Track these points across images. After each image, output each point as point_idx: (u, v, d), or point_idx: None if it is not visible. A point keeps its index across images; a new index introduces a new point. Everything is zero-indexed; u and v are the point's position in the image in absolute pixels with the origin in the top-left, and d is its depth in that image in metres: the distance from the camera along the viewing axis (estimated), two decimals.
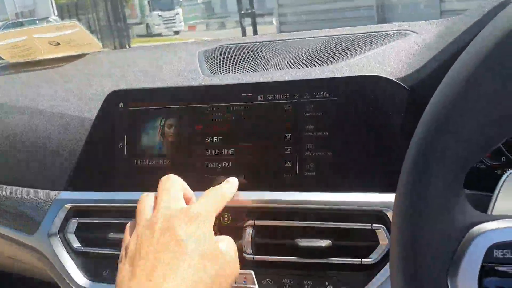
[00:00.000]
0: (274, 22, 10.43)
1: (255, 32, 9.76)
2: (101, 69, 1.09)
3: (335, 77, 0.72)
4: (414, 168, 0.41)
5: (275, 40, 1.00)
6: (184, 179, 0.74)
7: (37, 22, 9.29)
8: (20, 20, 18.94)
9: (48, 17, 8.39)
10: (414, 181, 0.41)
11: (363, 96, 0.69)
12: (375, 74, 0.70)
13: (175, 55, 1.07)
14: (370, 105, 0.69)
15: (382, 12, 7.53)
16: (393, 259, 0.43)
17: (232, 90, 0.75)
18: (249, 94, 0.74)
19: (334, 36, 0.94)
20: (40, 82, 1.10)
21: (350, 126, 0.69)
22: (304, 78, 0.74)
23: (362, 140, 0.68)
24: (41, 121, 0.90)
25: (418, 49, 0.80)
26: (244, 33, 9.92)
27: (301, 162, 0.70)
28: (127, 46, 11.23)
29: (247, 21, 9.93)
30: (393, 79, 0.69)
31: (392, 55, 0.80)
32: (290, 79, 0.75)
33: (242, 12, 10.09)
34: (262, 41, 1.01)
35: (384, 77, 0.69)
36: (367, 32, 0.94)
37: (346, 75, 0.73)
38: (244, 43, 1.02)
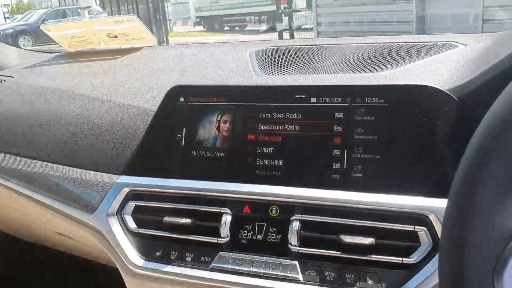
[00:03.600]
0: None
1: (291, 36, 9.81)
2: (158, 63, 1.16)
3: (387, 85, 0.75)
4: (467, 173, 0.45)
5: (323, 45, 1.04)
6: (236, 173, 0.80)
7: (79, 10, 9.53)
8: (63, 8, 19.54)
9: (90, 6, 8.58)
10: (466, 185, 0.44)
11: (413, 104, 0.72)
12: (426, 84, 0.73)
13: (227, 53, 1.13)
14: (420, 113, 0.72)
15: (421, 24, 7.40)
16: (442, 259, 0.47)
17: (286, 91, 0.80)
18: (302, 96, 0.78)
19: (383, 44, 0.98)
20: (98, 72, 1.17)
21: (398, 132, 0.72)
22: (357, 83, 0.78)
23: (409, 146, 0.72)
24: (103, 109, 0.97)
25: (467, 62, 0.83)
26: (281, 37, 9.97)
27: (349, 164, 0.74)
28: (165, 40, 11.44)
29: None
30: (443, 89, 0.73)
31: (441, 65, 0.83)
32: (343, 83, 0.79)
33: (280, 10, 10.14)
34: (311, 45, 1.06)
35: (435, 88, 0.73)
36: (415, 42, 0.97)
37: (397, 83, 0.77)
38: (294, 45, 1.07)
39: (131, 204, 0.85)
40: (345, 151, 0.75)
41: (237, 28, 18.46)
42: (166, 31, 12.26)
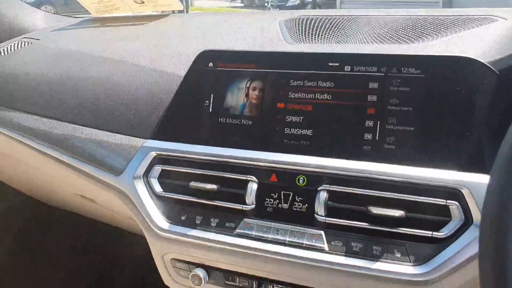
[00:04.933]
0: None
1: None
2: (185, 30, 1.14)
3: (424, 55, 0.73)
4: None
5: (354, 16, 1.01)
6: (263, 142, 0.79)
7: None
8: None
9: None
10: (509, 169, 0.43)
11: (451, 76, 0.70)
12: (466, 56, 0.70)
13: (255, 22, 1.11)
14: (458, 85, 0.70)
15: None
16: (483, 240, 0.45)
17: (319, 59, 0.78)
18: (335, 64, 0.76)
19: (416, 16, 0.94)
20: (126, 37, 1.17)
21: (434, 104, 0.70)
22: (393, 53, 0.75)
23: (445, 118, 0.70)
24: (130, 73, 0.96)
25: (507, 35, 0.79)
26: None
27: (381, 135, 0.72)
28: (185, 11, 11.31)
29: None
30: (484, 62, 0.70)
31: (480, 38, 0.80)
32: (379, 53, 0.77)
33: None
34: (341, 15, 1.03)
35: (475, 59, 0.70)
36: (451, 15, 0.94)
37: (434, 54, 0.74)
38: (324, 15, 1.04)
39: (157, 168, 0.85)
40: (378, 122, 0.73)
41: (278, 4, 18.01)
42: (187, 5, 12.15)
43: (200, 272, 0.82)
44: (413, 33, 0.86)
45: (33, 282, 1.67)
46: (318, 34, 0.92)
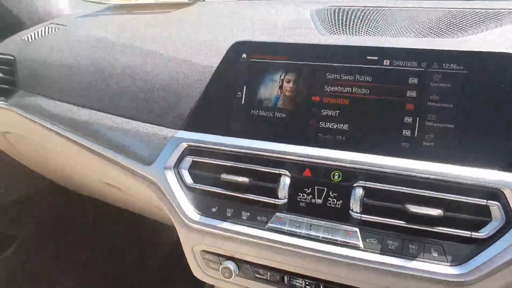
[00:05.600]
0: None
1: None
2: (214, 19, 1.12)
3: (467, 51, 0.71)
4: None
5: (388, 7, 0.99)
6: (297, 135, 0.78)
7: None
8: None
9: None
10: None
11: (495, 73, 0.68)
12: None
13: (285, 11, 1.08)
14: (502, 82, 0.68)
15: None
16: None
17: (357, 52, 0.76)
18: (374, 58, 0.75)
19: (455, 9, 0.91)
20: (153, 24, 1.15)
21: (476, 101, 0.68)
22: (434, 47, 0.73)
23: (487, 116, 0.68)
24: (160, 62, 0.95)
25: None
26: None
27: (420, 131, 0.71)
28: None
29: None
30: None
31: None
32: (419, 47, 0.74)
33: None
34: (374, 6, 1.00)
35: None
36: (491, 9, 0.90)
37: (478, 49, 0.72)
38: (357, 6, 1.01)
39: (188, 159, 0.85)
40: (417, 118, 0.71)
41: None
42: None
43: (231, 265, 0.82)
44: (452, 26, 0.84)
45: (54, 267, 1.69)
46: (353, 26, 0.90)
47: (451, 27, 0.83)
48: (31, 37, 1.26)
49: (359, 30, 0.89)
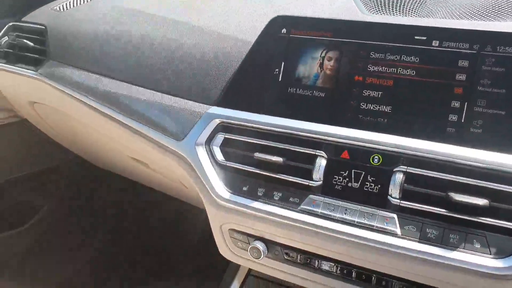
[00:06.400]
0: None
1: None
2: None
3: None
4: None
5: None
6: (336, 116, 0.75)
7: None
8: None
9: None
10: None
11: None
12: None
13: None
14: None
15: None
16: None
17: (405, 31, 0.73)
18: (423, 38, 0.71)
19: None
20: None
21: None
22: (488, 29, 0.69)
23: None
24: (195, 36, 0.93)
25: None
26: None
27: (468, 117, 0.67)
28: None
29: None
30: None
31: None
32: (472, 28, 0.70)
33: None
34: None
35: None
36: None
37: None
38: None
39: (221, 136, 0.83)
40: (466, 103, 0.68)
41: None
42: None
43: (260, 246, 0.80)
44: (507, 9, 0.79)
45: (77, 239, 1.71)
46: (398, 6, 0.86)
47: (506, 9, 0.78)
48: (62, 7, 1.25)
49: (404, 10, 0.85)
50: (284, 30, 0.81)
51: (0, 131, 1.39)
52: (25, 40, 1.22)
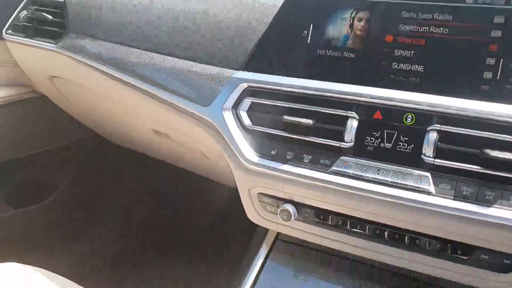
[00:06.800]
0: None
1: None
2: None
3: None
4: None
5: None
6: (367, 76, 0.74)
7: None
8: None
9: None
10: None
11: None
12: None
13: None
14: None
15: None
16: None
17: None
18: None
19: None
20: None
21: None
22: None
23: None
24: (224, 2, 0.92)
25: None
26: None
27: (504, 74, 0.66)
28: None
29: None
30: None
31: None
32: None
33: None
34: None
35: None
36: None
37: None
38: None
39: (248, 101, 0.82)
40: (501, 60, 0.67)
41: None
42: None
43: (290, 208, 0.80)
44: None
45: (94, 217, 1.72)
46: None
47: None
48: None
49: None
50: None
51: (19, 106, 1.39)
52: (44, 14, 1.22)
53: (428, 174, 0.69)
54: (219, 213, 1.71)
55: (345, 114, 0.74)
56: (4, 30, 1.28)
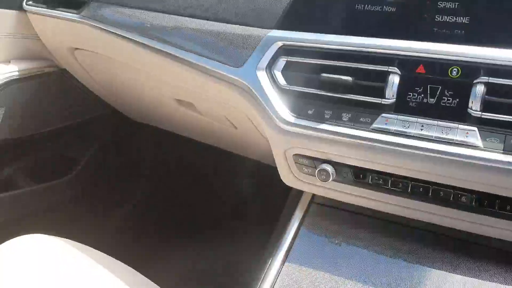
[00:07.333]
0: None
1: None
2: None
3: None
4: None
5: None
6: (408, 30, 0.72)
7: None
8: None
9: None
10: None
11: None
12: None
13: None
14: None
15: None
16: None
17: None
18: None
19: None
20: None
21: None
22: None
23: None
24: None
25: None
26: None
27: None
28: None
29: None
30: None
31: None
32: None
33: None
34: None
35: None
36: None
37: None
38: None
39: (283, 60, 0.80)
40: None
41: None
42: None
43: (328, 167, 0.78)
44: None
45: (114, 193, 1.72)
46: None
47: None
48: None
49: None
50: None
51: (40, 80, 1.38)
52: None
53: (475, 129, 0.67)
54: (248, 184, 1.70)
55: (386, 69, 0.72)
56: (24, 2, 1.26)
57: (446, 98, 0.69)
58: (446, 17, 0.70)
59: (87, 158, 1.56)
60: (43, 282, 0.84)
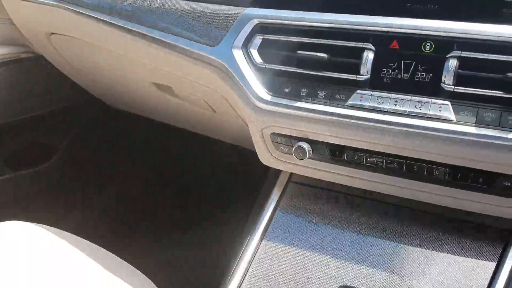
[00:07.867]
0: None
1: None
2: None
3: None
4: None
5: None
6: (382, 5, 0.72)
7: None
8: None
9: None
10: None
11: None
12: None
13: None
14: None
15: None
16: None
17: None
18: None
19: None
20: None
21: None
22: None
23: None
24: None
25: None
26: None
27: None
28: None
29: None
30: None
31: None
32: None
33: None
34: None
35: None
36: None
37: None
38: None
39: (259, 38, 0.80)
40: None
41: None
42: None
43: (305, 145, 0.78)
44: None
45: (93, 181, 1.70)
46: None
47: None
48: None
49: None
50: None
51: (16, 66, 1.35)
52: None
53: (448, 103, 0.67)
54: (226, 168, 1.70)
55: (360, 45, 0.72)
56: None
57: (419, 73, 0.69)
58: None
59: (65, 146, 1.54)
60: (23, 268, 0.83)
